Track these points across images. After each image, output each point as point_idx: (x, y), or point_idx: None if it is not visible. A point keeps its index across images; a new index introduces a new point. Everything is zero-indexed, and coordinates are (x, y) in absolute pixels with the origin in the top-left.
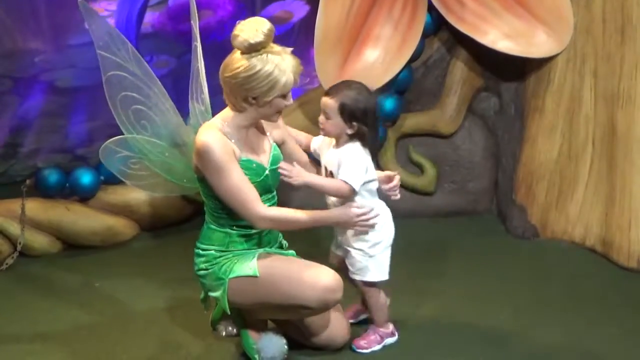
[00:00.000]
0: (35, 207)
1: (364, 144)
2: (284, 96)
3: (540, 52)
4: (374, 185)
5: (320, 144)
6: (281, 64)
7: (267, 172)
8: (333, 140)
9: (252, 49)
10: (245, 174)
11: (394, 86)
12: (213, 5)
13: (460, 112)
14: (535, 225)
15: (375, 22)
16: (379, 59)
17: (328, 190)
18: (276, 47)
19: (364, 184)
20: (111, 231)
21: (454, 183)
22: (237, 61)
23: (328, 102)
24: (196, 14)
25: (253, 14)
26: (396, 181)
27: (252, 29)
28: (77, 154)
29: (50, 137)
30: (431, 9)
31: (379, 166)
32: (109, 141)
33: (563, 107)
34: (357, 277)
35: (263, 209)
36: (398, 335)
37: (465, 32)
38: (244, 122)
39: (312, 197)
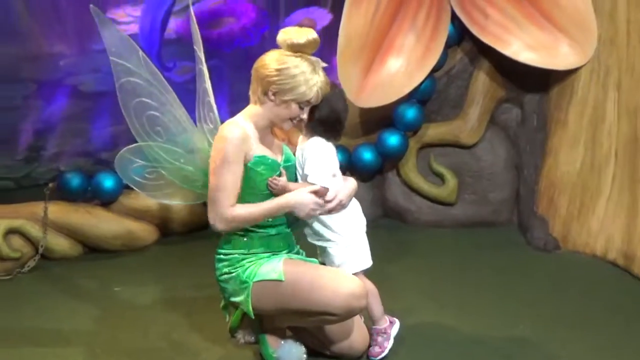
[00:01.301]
0: (57, 210)
1: (326, 137)
2: (301, 106)
3: (564, 64)
4: (339, 178)
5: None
6: (309, 73)
7: (281, 168)
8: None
9: (291, 49)
10: (262, 170)
11: (416, 96)
12: (237, 12)
13: (482, 122)
14: (556, 237)
15: (399, 31)
16: (401, 69)
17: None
18: (313, 58)
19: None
20: (132, 236)
21: (475, 194)
22: (272, 54)
23: None
24: (200, 39)
25: (276, 22)
26: (334, 202)
27: (299, 31)
28: (100, 158)
29: (73, 140)
30: (454, 19)
31: (399, 175)
32: (124, 150)
33: (586, 119)
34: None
35: (229, 212)
36: (402, 324)
37: (488, 43)
38: (261, 119)
39: None
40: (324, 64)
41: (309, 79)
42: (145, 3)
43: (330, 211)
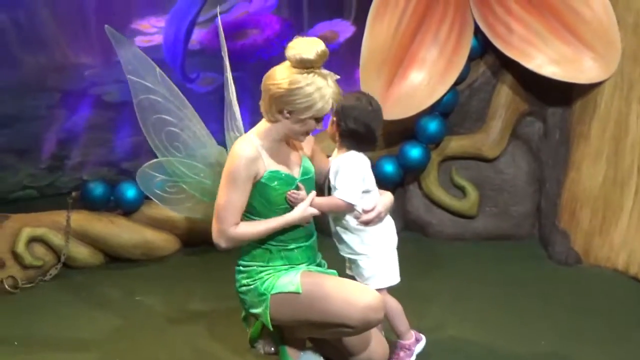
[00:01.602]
0: (80, 219)
1: (360, 150)
2: (317, 120)
3: (587, 77)
4: (375, 193)
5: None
6: (324, 88)
7: (297, 182)
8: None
9: (302, 65)
10: (276, 185)
11: (438, 108)
12: (261, 24)
13: (504, 136)
14: (577, 251)
15: (422, 44)
16: (424, 81)
17: (327, 209)
18: (324, 71)
19: (363, 192)
20: (153, 245)
21: (497, 207)
22: (283, 72)
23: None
24: (225, 47)
25: (299, 33)
26: (373, 213)
27: (307, 45)
28: (122, 168)
29: (97, 150)
30: (477, 32)
31: (420, 187)
32: (145, 165)
33: (609, 133)
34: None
35: (232, 230)
36: (425, 339)
37: (511, 56)
38: (275, 136)
39: None
40: (337, 77)
41: (325, 94)
42: (169, 14)
43: (367, 223)
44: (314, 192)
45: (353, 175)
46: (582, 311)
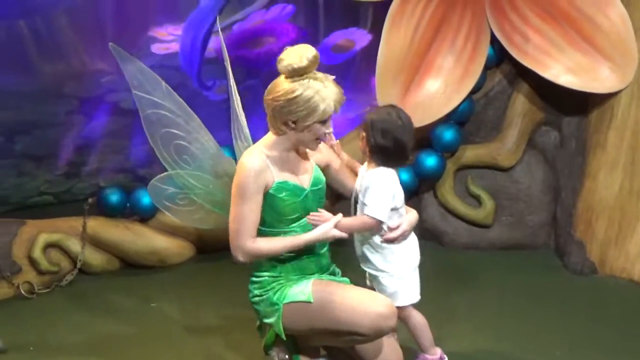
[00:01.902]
0: (96, 226)
1: (390, 166)
2: (323, 123)
3: (604, 87)
4: (402, 210)
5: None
6: (322, 90)
7: (307, 192)
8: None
9: (295, 74)
10: (284, 196)
11: (454, 117)
12: (276, 32)
13: (520, 145)
14: (593, 261)
15: (438, 52)
16: (440, 90)
17: (356, 229)
18: (319, 74)
19: (392, 209)
20: (169, 252)
21: (512, 216)
22: (280, 84)
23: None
24: (227, 57)
25: (316, 42)
26: (399, 231)
27: (297, 54)
28: (138, 175)
29: (113, 157)
30: (494, 41)
31: (436, 196)
32: (154, 179)
33: (626, 143)
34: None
35: (249, 244)
36: (440, 349)
37: (528, 65)
38: (284, 146)
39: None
40: (331, 77)
41: (324, 96)
42: (186, 22)
43: (392, 241)
44: (340, 215)
45: (383, 192)
46: (597, 321)
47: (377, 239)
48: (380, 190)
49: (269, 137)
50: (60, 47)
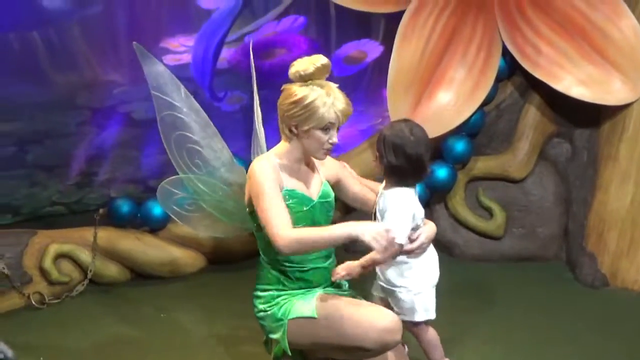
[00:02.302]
0: (107, 236)
1: (407, 184)
2: (324, 130)
3: (616, 99)
4: (420, 221)
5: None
6: (323, 96)
7: (314, 203)
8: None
9: (302, 79)
10: (291, 203)
11: (466, 129)
12: (288, 43)
13: (531, 157)
14: (605, 273)
15: (449, 64)
16: (451, 102)
17: (382, 261)
18: (326, 82)
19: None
20: (179, 263)
21: (523, 228)
22: (287, 89)
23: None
24: (255, 78)
25: (327, 53)
26: (416, 243)
27: (307, 61)
28: (149, 185)
29: (124, 167)
30: (505, 53)
31: (447, 208)
32: (164, 182)
33: (637, 155)
34: (404, 318)
35: (287, 232)
36: (446, 356)
37: (539, 77)
38: (292, 154)
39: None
40: (335, 85)
41: (325, 102)
42: (198, 33)
43: (409, 253)
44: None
45: (402, 214)
46: (609, 334)
47: None
48: (399, 212)
49: (280, 145)
50: (73, 57)
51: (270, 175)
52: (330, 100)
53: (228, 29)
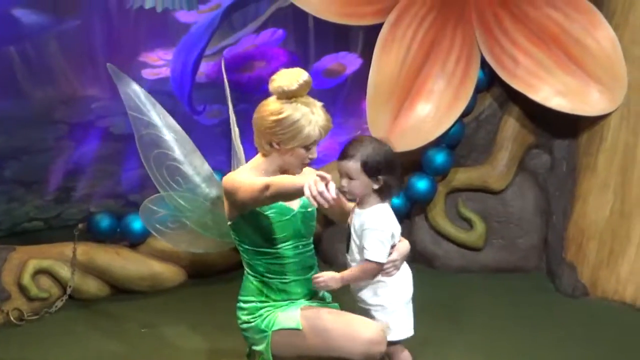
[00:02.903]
0: (86, 251)
1: (389, 199)
2: (306, 148)
3: (594, 110)
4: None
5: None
6: (309, 115)
7: (295, 213)
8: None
9: (284, 96)
10: (270, 213)
11: (445, 140)
12: (267, 56)
13: (511, 168)
14: (585, 284)
15: (428, 76)
16: (430, 113)
17: (363, 278)
18: (309, 99)
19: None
20: (159, 277)
21: (503, 239)
22: (268, 104)
23: (349, 164)
24: (228, 88)
25: (307, 66)
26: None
27: (289, 76)
28: (129, 200)
29: (104, 182)
30: (484, 65)
31: (427, 219)
32: (146, 200)
33: (616, 166)
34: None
35: (261, 182)
36: None
37: (518, 88)
38: (270, 167)
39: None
40: (320, 103)
41: (310, 120)
42: (177, 47)
43: (383, 272)
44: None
45: (382, 234)
46: (589, 344)
47: None
48: (379, 232)
49: (256, 159)
50: (50, 72)
51: (242, 173)
52: (314, 118)
53: (207, 42)
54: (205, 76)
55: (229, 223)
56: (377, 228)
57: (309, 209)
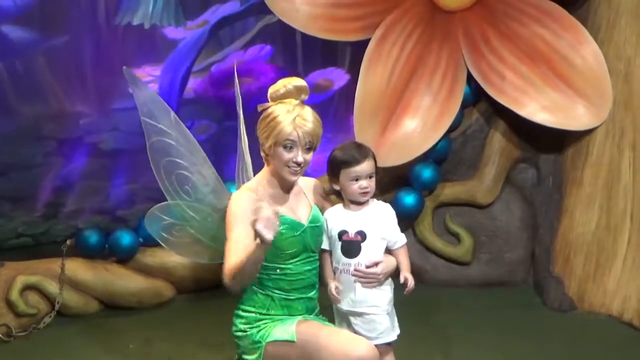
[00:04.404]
0: (74, 267)
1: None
2: (286, 148)
3: (579, 124)
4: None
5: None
6: (284, 114)
7: (305, 228)
8: (339, 206)
9: (273, 100)
10: (282, 229)
11: (432, 155)
12: (255, 72)
13: (497, 182)
14: (572, 297)
15: (415, 92)
16: (417, 129)
17: (409, 261)
18: (297, 102)
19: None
20: (148, 293)
21: (491, 253)
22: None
23: (370, 164)
24: (240, 101)
25: None
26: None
27: (280, 82)
28: (117, 216)
29: (92, 198)
30: (470, 80)
31: (414, 233)
32: (154, 207)
33: (601, 180)
34: (383, 341)
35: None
36: None
37: (504, 104)
38: (273, 178)
39: None
40: (308, 108)
41: (284, 118)
42: (165, 63)
43: (362, 277)
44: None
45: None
46: (577, 357)
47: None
48: (395, 219)
49: (262, 170)
50: (38, 88)
51: (244, 203)
52: (290, 116)
53: (194, 58)
54: (193, 92)
55: None
56: (394, 217)
57: (318, 224)
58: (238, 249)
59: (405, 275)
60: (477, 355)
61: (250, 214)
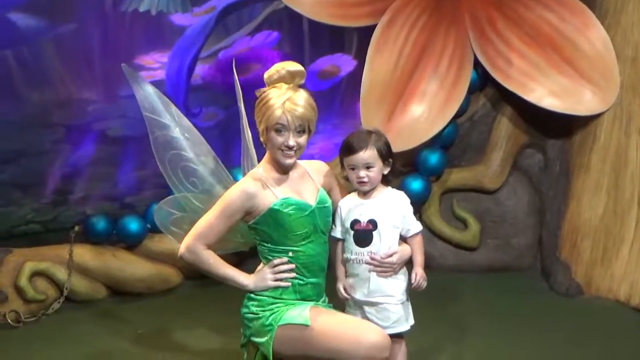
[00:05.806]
0: (83, 253)
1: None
2: (277, 132)
3: (586, 109)
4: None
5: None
6: (275, 97)
7: (313, 209)
8: (353, 195)
9: (269, 84)
10: (290, 210)
11: (439, 141)
12: (262, 59)
13: (504, 168)
14: (579, 282)
15: (422, 78)
16: (424, 114)
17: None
18: (290, 86)
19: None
20: (156, 278)
21: (498, 239)
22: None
23: (368, 153)
24: (240, 91)
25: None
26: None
27: (275, 67)
28: (125, 202)
29: (100, 184)
30: (477, 65)
31: (421, 219)
32: (161, 202)
33: (609, 165)
34: (395, 331)
35: (199, 247)
36: None
37: (511, 89)
38: (272, 161)
39: None
40: (303, 92)
41: (274, 102)
42: (172, 50)
43: (378, 266)
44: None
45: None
46: (584, 343)
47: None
48: (411, 206)
49: (265, 156)
50: (47, 75)
51: (243, 198)
52: (280, 100)
53: (202, 45)
54: (200, 79)
55: (248, 224)
56: (409, 205)
57: (326, 205)
58: (209, 234)
59: (417, 271)
60: (484, 340)
61: (245, 207)
